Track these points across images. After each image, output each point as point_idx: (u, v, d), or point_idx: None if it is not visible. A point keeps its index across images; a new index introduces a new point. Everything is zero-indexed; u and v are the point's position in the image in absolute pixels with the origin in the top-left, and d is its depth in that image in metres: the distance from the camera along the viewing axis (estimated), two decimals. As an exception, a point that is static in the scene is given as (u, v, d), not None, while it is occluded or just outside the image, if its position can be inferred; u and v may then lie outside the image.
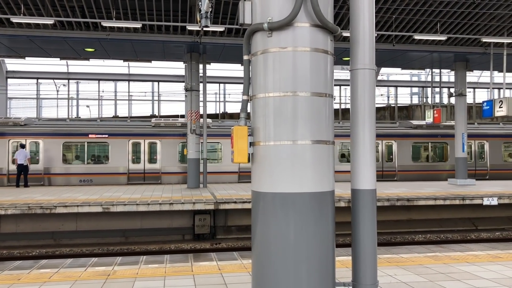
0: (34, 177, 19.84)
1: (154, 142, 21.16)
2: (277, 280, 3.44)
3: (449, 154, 23.69)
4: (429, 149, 23.84)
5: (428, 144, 23.80)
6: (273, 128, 3.51)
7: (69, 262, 7.55)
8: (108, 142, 20.75)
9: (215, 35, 16.76)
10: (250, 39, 3.67)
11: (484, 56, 18.73)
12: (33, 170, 19.71)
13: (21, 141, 20.18)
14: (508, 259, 7.41)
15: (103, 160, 20.88)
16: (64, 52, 18.79)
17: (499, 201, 15.09)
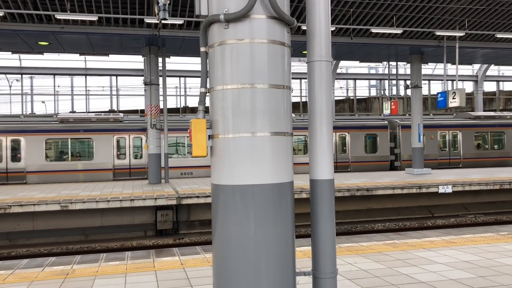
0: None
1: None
2: (237, 272, 3.45)
3: (505, 142, 25.75)
4: (489, 138, 25.69)
5: (488, 133, 25.64)
6: (232, 121, 3.50)
7: (25, 262, 7.32)
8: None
9: (174, 28, 16.54)
10: (207, 31, 3.64)
11: (438, 49, 19.35)
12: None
13: None
14: (462, 244, 7.73)
15: None
16: (16, 45, 18.08)
17: (453, 189, 15.68)
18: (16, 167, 19.86)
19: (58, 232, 13.57)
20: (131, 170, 21.04)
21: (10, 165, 19.83)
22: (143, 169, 20.91)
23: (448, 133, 25.18)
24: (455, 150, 25.25)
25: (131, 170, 21.05)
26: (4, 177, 19.74)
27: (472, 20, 17.70)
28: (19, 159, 19.93)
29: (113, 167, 20.83)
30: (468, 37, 19.18)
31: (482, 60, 25.17)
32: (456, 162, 25.13)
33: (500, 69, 33.50)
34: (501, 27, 18.54)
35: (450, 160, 25.11)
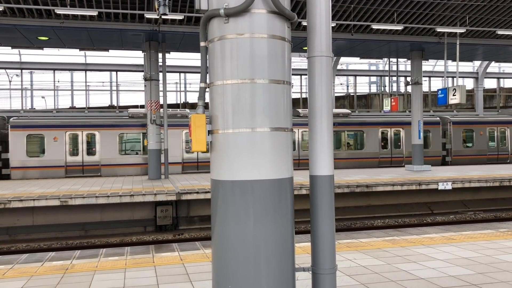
0: None
1: None
2: (236, 267, 3.45)
3: None
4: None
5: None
6: (232, 116, 3.48)
7: (25, 257, 7.32)
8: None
9: (174, 24, 16.50)
10: (207, 26, 3.61)
11: (439, 46, 19.31)
12: None
13: None
14: (461, 241, 7.73)
15: None
16: (16, 40, 18.04)
17: (453, 185, 15.68)
18: (91, 161, 20.49)
19: (58, 227, 13.58)
20: (198, 163, 21.40)
21: (86, 159, 20.47)
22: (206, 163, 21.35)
23: (496, 130, 25.92)
24: (503, 146, 26.02)
25: (198, 164, 21.57)
26: (80, 170, 20.37)
27: (473, 16, 17.65)
28: (94, 152, 20.53)
29: (182, 161, 21.35)
30: (469, 34, 19.14)
31: (483, 56, 25.14)
32: (504, 157, 25.88)
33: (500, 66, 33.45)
34: (502, 23, 18.49)
35: (499, 155, 25.87)
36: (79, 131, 20.41)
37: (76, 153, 20.36)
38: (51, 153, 20.01)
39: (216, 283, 3.60)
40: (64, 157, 20.14)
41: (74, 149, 20.36)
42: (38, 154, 20.04)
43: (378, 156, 24.20)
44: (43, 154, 19.98)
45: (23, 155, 19.62)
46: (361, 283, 5.54)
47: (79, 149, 20.39)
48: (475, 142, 25.10)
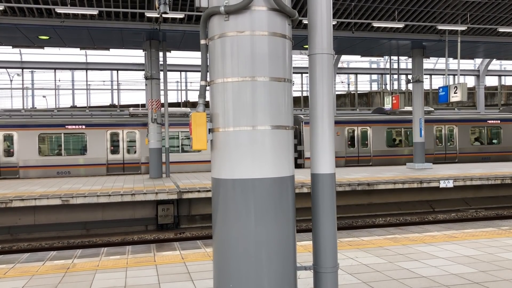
0: None
1: None
2: (238, 266, 3.43)
3: None
4: None
5: None
6: (232, 114, 3.47)
7: (26, 256, 7.32)
8: None
9: (175, 22, 16.48)
10: (207, 23, 3.60)
11: (440, 43, 19.27)
12: None
13: None
14: (463, 239, 7.71)
15: None
16: (17, 40, 18.03)
17: (454, 183, 15.66)
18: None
19: (59, 226, 13.59)
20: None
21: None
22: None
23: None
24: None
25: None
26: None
27: (474, 14, 17.60)
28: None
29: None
30: (470, 31, 19.09)
31: (484, 54, 25.07)
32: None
33: (502, 64, 33.39)
34: (503, 21, 18.43)
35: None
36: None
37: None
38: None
39: (218, 282, 3.59)
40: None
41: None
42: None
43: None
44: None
45: None
46: (363, 281, 5.52)
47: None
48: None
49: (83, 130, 20.36)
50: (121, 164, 20.67)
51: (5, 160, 19.66)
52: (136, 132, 20.86)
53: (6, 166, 19.61)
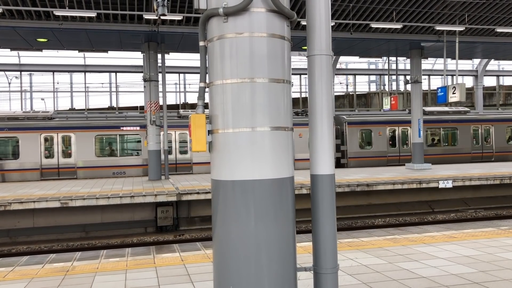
0: None
1: None
2: (238, 267, 3.43)
3: None
4: None
5: None
6: (232, 115, 3.47)
7: (25, 259, 7.30)
8: None
9: (173, 24, 16.48)
10: (206, 25, 3.60)
11: (438, 44, 19.29)
12: None
13: None
14: (462, 239, 7.72)
15: None
16: (15, 42, 18.03)
17: (453, 183, 15.67)
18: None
19: (59, 229, 13.57)
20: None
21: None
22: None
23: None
24: None
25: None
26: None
27: (472, 14, 17.63)
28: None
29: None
30: (468, 32, 19.12)
31: (482, 54, 25.10)
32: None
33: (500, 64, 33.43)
34: (501, 21, 18.47)
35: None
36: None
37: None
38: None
39: (218, 284, 3.58)
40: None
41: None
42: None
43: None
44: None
45: None
46: (363, 282, 5.52)
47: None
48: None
49: (138, 132, 20.89)
50: (173, 164, 21.06)
51: (63, 161, 20.22)
52: (186, 133, 21.31)
53: (65, 167, 20.24)
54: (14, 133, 19.80)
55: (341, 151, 23.54)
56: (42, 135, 19.99)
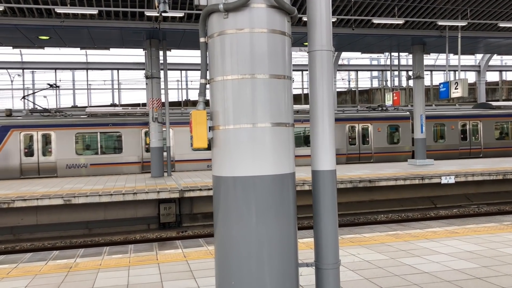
0: None
1: None
2: (239, 263, 3.44)
3: None
4: None
5: None
6: (232, 112, 3.47)
7: (29, 256, 7.34)
8: None
9: (175, 21, 16.46)
10: (206, 21, 3.60)
11: (440, 39, 19.22)
12: None
13: None
14: (465, 234, 7.71)
15: None
16: (17, 40, 18.04)
17: (456, 179, 15.64)
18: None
19: (62, 226, 13.62)
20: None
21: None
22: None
23: None
24: None
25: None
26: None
27: (474, 9, 17.55)
28: None
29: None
30: (471, 27, 19.04)
31: (485, 50, 25.02)
32: None
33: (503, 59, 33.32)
34: (504, 16, 18.39)
35: None
36: None
37: None
38: None
39: (220, 280, 3.59)
40: None
41: None
42: None
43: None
44: None
45: None
46: (365, 277, 5.53)
47: None
48: None
49: None
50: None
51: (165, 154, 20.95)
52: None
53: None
54: (117, 128, 20.69)
55: None
56: (142, 130, 20.87)
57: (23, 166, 19.47)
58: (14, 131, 19.51)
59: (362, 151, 23.73)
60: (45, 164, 19.69)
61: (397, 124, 23.91)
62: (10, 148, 19.32)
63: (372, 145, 23.58)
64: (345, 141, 23.39)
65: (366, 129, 23.85)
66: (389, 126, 23.93)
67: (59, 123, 20.05)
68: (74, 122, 20.31)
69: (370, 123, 23.51)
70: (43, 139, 19.80)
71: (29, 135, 19.70)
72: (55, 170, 19.73)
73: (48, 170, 19.70)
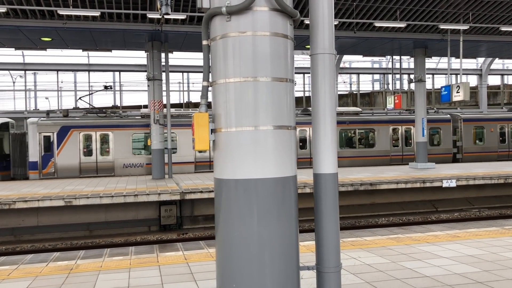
0: None
1: None
2: (241, 266, 3.44)
3: None
4: None
5: None
6: (235, 114, 3.47)
7: (30, 257, 7.34)
8: None
9: (177, 23, 16.50)
10: (209, 24, 3.60)
11: (442, 43, 19.22)
12: None
13: None
14: (466, 238, 7.70)
15: None
16: (19, 41, 18.09)
17: (457, 183, 15.62)
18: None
19: (63, 227, 13.62)
20: None
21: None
22: None
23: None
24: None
25: None
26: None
27: (476, 13, 17.56)
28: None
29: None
30: (472, 30, 19.04)
31: (487, 53, 25.00)
32: None
33: (504, 63, 33.30)
34: (506, 20, 18.38)
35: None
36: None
37: None
38: None
39: (221, 282, 3.59)
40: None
41: None
42: None
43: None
44: None
45: None
46: (366, 281, 5.52)
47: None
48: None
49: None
50: None
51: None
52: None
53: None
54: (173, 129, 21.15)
55: (456, 146, 24.74)
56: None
57: (82, 165, 20.07)
58: (74, 131, 20.01)
59: (405, 153, 24.22)
60: (103, 164, 20.26)
61: (438, 127, 24.49)
62: (70, 148, 19.87)
63: (415, 146, 23.82)
64: (389, 143, 23.90)
65: (409, 131, 24.19)
66: (431, 128, 24.35)
67: (117, 124, 20.62)
68: (130, 123, 20.86)
69: (413, 125, 23.79)
70: (101, 139, 20.37)
71: (88, 135, 20.25)
72: (112, 169, 20.30)
73: (106, 169, 20.28)
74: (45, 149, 19.78)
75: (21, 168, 21.02)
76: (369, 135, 24.18)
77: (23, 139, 21.13)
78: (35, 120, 20.10)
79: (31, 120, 20.24)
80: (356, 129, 23.77)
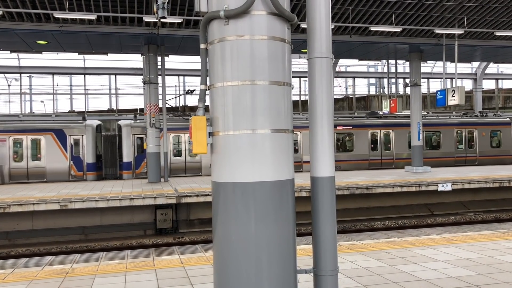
0: None
1: None
2: (238, 270, 3.43)
3: None
4: None
5: None
6: (232, 118, 3.48)
7: (25, 261, 7.30)
8: None
9: (173, 27, 16.50)
10: (207, 28, 3.61)
11: (437, 47, 19.33)
12: None
13: None
14: (462, 242, 7.72)
15: None
16: (15, 44, 18.04)
17: (453, 187, 15.67)
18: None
19: (58, 231, 13.55)
20: None
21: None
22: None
23: None
24: None
25: None
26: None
27: (471, 18, 17.67)
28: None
29: None
30: (467, 35, 19.17)
31: (481, 58, 25.18)
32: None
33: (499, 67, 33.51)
34: (500, 24, 18.52)
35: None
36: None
37: None
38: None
39: (218, 286, 3.59)
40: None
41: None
42: None
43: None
44: None
45: None
46: (363, 284, 5.52)
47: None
48: None
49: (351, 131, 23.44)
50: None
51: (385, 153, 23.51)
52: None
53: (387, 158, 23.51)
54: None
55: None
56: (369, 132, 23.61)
57: (172, 165, 20.74)
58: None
59: (468, 154, 24.74)
60: (192, 164, 20.93)
61: (498, 129, 25.07)
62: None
63: (477, 148, 24.58)
64: (454, 145, 24.45)
65: (471, 134, 24.80)
66: (491, 131, 24.94)
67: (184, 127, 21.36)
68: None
69: (475, 128, 24.45)
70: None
71: (178, 136, 20.93)
72: (200, 169, 20.99)
73: (194, 169, 21.02)
74: (138, 150, 20.40)
75: (112, 168, 21.84)
76: (436, 137, 24.84)
77: (113, 140, 21.87)
78: (128, 123, 20.73)
79: (124, 123, 20.84)
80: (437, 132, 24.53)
